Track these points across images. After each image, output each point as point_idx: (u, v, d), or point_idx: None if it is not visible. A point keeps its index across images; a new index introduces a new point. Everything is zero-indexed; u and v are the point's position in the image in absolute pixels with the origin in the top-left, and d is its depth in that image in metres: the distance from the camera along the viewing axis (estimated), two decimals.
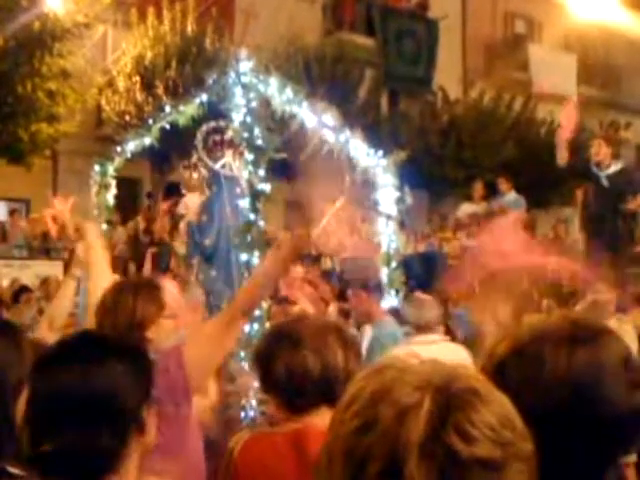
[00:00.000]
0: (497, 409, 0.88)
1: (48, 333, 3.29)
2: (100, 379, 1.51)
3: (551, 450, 1.15)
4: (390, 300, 5.93)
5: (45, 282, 11.22)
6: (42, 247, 13.59)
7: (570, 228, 14.33)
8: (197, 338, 2.58)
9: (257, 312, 4.47)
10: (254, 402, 4.95)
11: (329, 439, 0.91)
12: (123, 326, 2.58)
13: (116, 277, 6.93)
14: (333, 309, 7.10)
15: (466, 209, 12.56)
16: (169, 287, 2.94)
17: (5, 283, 11.35)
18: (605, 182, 8.99)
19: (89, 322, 2.91)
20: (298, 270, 7.96)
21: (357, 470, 0.86)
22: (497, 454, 0.85)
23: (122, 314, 2.62)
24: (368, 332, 5.39)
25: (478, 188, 12.99)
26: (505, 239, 2.06)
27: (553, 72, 22.35)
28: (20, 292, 9.92)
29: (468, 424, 0.85)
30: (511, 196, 11.53)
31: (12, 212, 14.94)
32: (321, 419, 2.00)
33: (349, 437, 0.88)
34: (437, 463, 0.82)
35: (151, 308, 2.68)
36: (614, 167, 9.06)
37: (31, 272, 12.33)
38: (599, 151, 9.16)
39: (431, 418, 0.85)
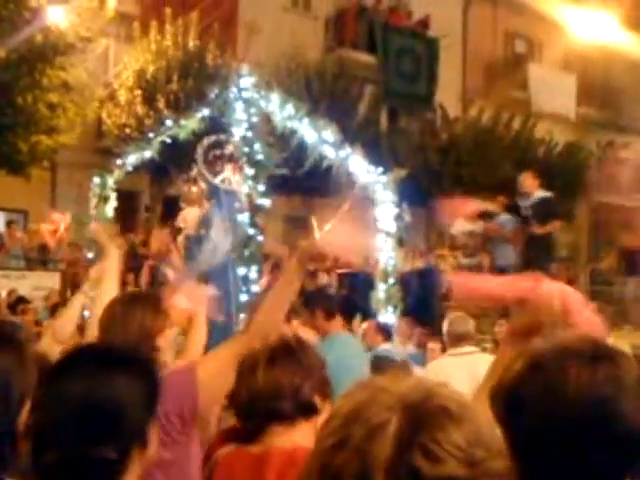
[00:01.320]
0: (468, 428, 0.88)
1: (52, 345, 3.30)
2: (106, 391, 1.51)
3: (569, 464, 1.19)
4: (388, 316, 5.94)
5: (48, 295, 11.30)
6: (39, 258, 13.59)
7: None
8: (211, 361, 2.60)
9: None
10: None
11: (310, 457, 0.94)
12: (133, 336, 2.61)
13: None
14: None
15: (461, 227, 12.57)
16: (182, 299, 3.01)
17: (2, 294, 11.34)
18: (525, 211, 10.15)
19: (92, 335, 2.93)
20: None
21: None
22: (462, 472, 0.85)
23: (132, 325, 2.65)
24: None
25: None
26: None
27: (553, 92, 22.46)
28: (17, 303, 9.91)
29: (434, 443, 0.85)
30: (505, 216, 11.63)
31: (10, 223, 14.94)
32: (279, 439, 2.08)
33: (324, 454, 0.91)
34: None
35: (159, 319, 2.73)
36: (535, 197, 10.17)
37: (28, 283, 12.33)
38: (525, 183, 10.31)
39: (398, 437, 0.86)
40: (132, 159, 7.09)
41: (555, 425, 1.11)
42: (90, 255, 7.14)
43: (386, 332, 6.06)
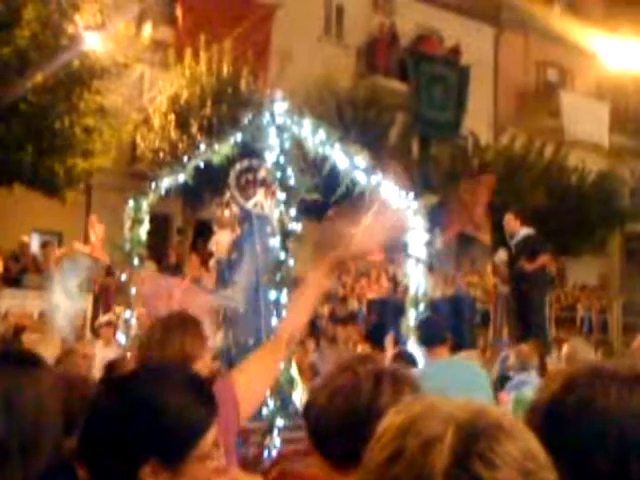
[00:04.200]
0: (521, 443, 0.91)
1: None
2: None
3: (611, 476, 1.20)
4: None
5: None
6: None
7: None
8: (244, 374, 2.61)
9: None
10: (278, 441, 4.94)
11: (361, 473, 0.94)
12: (172, 359, 2.63)
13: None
14: (362, 350, 7.08)
15: (504, 255, 12.51)
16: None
17: (35, 315, 11.45)
18: (513, 249, 10.73)
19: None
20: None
21: None
22: None
23: (171, 349, 2.67)
24: None
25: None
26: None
27: (585, 120, 22.35)
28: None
29: (491, 453, 0.88)
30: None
31: (45, 245, 15.13)
32: None
33: (378, 469, 0.92)
34: None
35: (198, 343, 2.74)
36: (520, 235, 10.69)
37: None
38: (509, 225, 10.91)
39: (455, 447, 0.88)
40: (165, 183, 7.16)
41: (596, 441, 1.14)
42: (123, 278, 7.21)
43: (411, 360, 6.00)
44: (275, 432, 4.96)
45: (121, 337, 7.01)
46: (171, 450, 1.54)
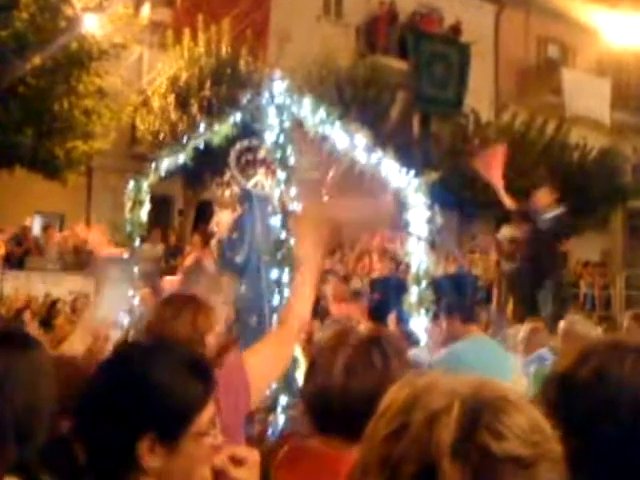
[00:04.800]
0: (526, 415, 0.92)
1: (80, 339, 3.33)
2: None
3: (622, 443, 1.23)
4: (421, 319, 5.93)
5: (76, 299, 11.34)
6: (76, 261, 13.76)
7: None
8: (256, 355, 2.64)
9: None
10: (282, 419, 4.97)
11: (363, 450, 0.94)
12: (183, 339, 2.64)
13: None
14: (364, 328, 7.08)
15: (506, 232, 12.47)
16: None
17: (39, 298, 11.49)
18: (544, 225, 10.38)
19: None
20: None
21: (391, 475, 0.89)
22: (528, 452, 0.88)
23: (183, 327, 2.68)
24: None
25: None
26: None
27: (587, 96, 22.26)
28: (53, 307, 10.04)
29: (499, 424, 0.88)
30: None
31: (46, 227, 15.17)
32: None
33: (383, 444, 0.92)
34: (470, 461, 0.86)
35: (209, 319, 2.77)
36: (555, 212, 10.40)
37: (64, 287, 12.48)
38: (542, 199, 10.56)
39: (462, 420, 0.88)
40: (166, 164, 7.15)
41: (608, 408, 1.17)
42: (125, 256, 7.22)
43: (414, 340, 6.03)
44: (279, 410, 4.98)
45: (124, 318, 7.02)
46: (167, 425, 1.55)
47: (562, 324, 5.93)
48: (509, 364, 5.11)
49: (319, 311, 11.99)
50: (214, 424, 1.63)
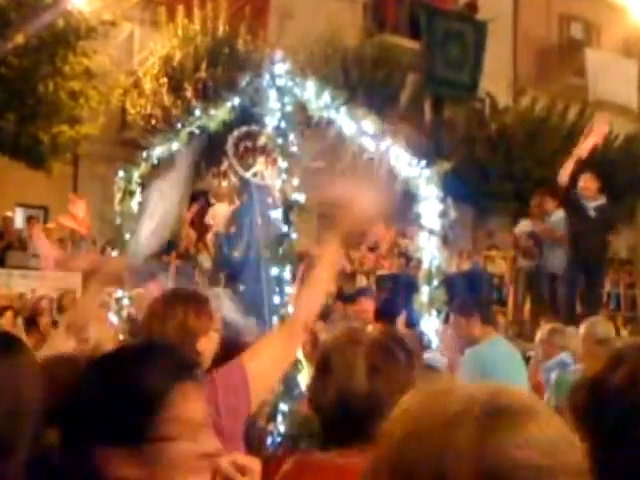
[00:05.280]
0: (548, 423, 0.92)
1: (62, 342, 3.32)
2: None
3: None
4: (431, 321, 5.93)
5: (62, 297, 11.31)
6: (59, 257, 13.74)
7: None
8: (257, 355, 2.65)
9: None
10: (282, 427, 4.97)
11: (375, 454, 0.95)
12: (174, 337, 2.65)
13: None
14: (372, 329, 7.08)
15: (524, 227, 12.41)
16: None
17: (28, 295, 11.47)
18: (592, 212, 10.32)
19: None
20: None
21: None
22: (547, 462, 0.88)
23: (172, 324, 2.69)
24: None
25: (540, 202, 12.59)
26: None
27: (612, 79, 22.18)
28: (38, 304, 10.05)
29: (518, 431, 0.89)
30: (558, 215, 11.39)
31: (29, 219, 15.16)
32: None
33: (396, 448, 0.93)
34: (486, 468, 0.86)
35: (202, 320, 2.76)
36: (600, 200, 10.43)
37: (48, 284, 12.46)
38: (588, 185, 10.53)
39: (479, 425, 0.89)
40: (158, 152, 7.14)
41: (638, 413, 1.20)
42: (114, 254, 7.23)
43: (426, 343, 6.03)
44: (279, 418, 4.99)
45: (113, 318, 7.03)
46: (128, 430, 1.51)
47: (582, 326, 5.94)
48: (524, 370, 5.16)
49: (324, 308, 12.03)
50: (203, 428, 1.58)
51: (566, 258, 10.58)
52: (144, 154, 7.23)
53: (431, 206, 6.03)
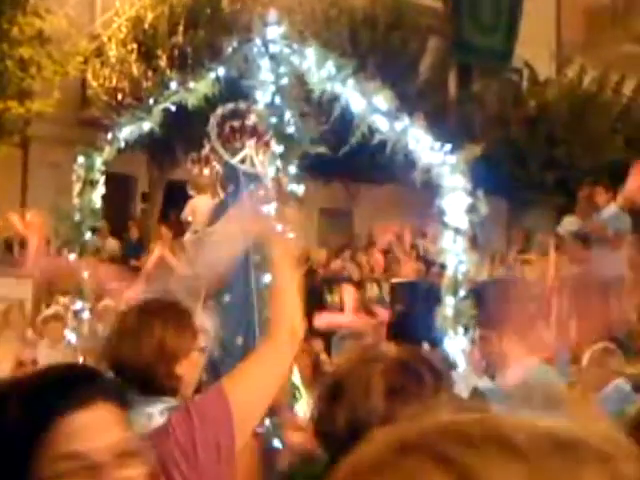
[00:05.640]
0: (610, 466, 0.92)
1: None
2: None
3: None
4: (457, 340, 5.92)
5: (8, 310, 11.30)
6: (6, 261, 13.77)
7: None
8: (241, 376, 2.66)
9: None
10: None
11: None
12: (149, 358, 2.66)
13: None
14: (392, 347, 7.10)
15: (569, 225, 12.38)
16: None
17: None
18: None
19: None
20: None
21: None
22: None
23: (148, 343, 2.70)
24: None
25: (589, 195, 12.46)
26: None
27: None
28: None
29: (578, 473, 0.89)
30: (611, 210, 11.38)
31: None
32: None
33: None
34: None
35: (183, 338, 2.77)
36: None
37: None
38: None
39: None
40: (126, 133, 7.13)
41: None
42: (72, 256, 7.22)
43: (451, 365, 6.03)
44: (274, 454, 5.00)
45: (70, 335, 7.03)
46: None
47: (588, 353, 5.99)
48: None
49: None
50: (114, 460, 1.60)
51: (621, 265, 10.60)
52: (108, 136, 7.23)
53: (457, 200, 6.03)
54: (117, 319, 2.92)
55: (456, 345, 5.89)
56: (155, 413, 2.56)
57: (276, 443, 5.09)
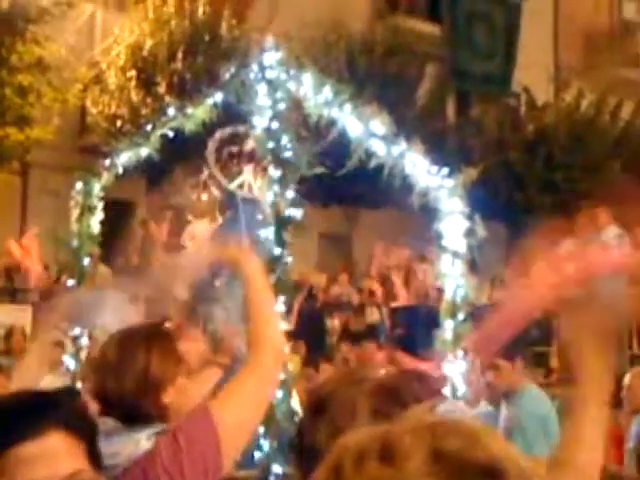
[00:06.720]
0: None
1: None
2: None
3: None
4: (457, 364, 5.91)
5: (9, 333, 11.33)
6: (6, 288, 13.76)
7: None
8: (227, 397, 2.64)
9: (282, 376, 4.48)
10: None
11: None
12: (133, 390, 2.64)
13: None
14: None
15: (570, 247, 12.36)
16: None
17: None
18: None
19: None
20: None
21: None
22: None
23: (131, 373, 2.67)
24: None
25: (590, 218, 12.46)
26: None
27: None
28: None
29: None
30: (611, 231, 11.36)
31: None
32: None
33: None
34: None
35: (168, 365, 2.74)
36: None
37: None
38: None
39: None
40: (124, 159, 7.15)
41: None
42: (70, 282, 7.22)
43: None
44: None
45: (69, 361, 7.01)
46: None
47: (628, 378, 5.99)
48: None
49: (327, 349, 12.00)
50: None
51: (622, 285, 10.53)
52: (107, 162, 7.24)
53: (455, 223, 6.03)
54: (100, 350, 2.89)
55: (455, 368, 5.88)
56: (142, 438, 2.54)
57: (276, 469, 5.06)
